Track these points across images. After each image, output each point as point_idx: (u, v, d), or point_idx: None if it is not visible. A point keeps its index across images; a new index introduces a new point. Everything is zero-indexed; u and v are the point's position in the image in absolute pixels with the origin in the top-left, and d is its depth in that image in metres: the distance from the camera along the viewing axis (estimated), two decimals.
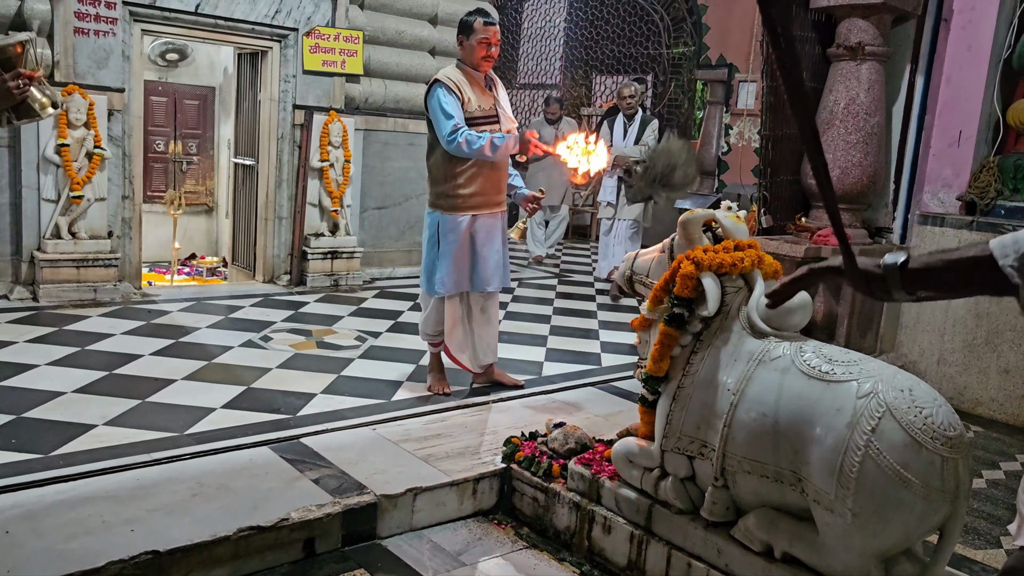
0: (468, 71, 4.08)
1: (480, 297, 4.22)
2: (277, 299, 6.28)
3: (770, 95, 5.11)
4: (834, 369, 2.33)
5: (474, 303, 4.23)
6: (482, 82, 4.10)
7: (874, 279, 1.42)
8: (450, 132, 3.87)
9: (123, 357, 4.49)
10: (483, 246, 4.12)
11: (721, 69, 10.09)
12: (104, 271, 5.74)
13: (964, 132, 4.98)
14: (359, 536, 2.98)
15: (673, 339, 2.66)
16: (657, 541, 2.77)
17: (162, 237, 8.39)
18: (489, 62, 4.06)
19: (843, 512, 2.20)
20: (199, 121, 9.25)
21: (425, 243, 4.22)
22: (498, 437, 3.64)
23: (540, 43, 12.78)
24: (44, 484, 2.94)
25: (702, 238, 2.76)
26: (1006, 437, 4.46)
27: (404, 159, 7.36)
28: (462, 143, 3.85)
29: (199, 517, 2.78)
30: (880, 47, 4.94)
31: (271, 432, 3.58)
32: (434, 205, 4.14)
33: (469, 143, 3.84)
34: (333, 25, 6.70)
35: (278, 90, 6.64)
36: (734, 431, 2.47)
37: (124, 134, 5.91)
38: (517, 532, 3.21)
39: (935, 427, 2.13)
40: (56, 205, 5.58)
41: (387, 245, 7.46)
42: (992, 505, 3.53)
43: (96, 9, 5.60)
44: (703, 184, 10.02)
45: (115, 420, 3.60)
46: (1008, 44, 4.86)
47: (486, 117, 4.04)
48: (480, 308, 4.25)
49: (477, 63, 4.04)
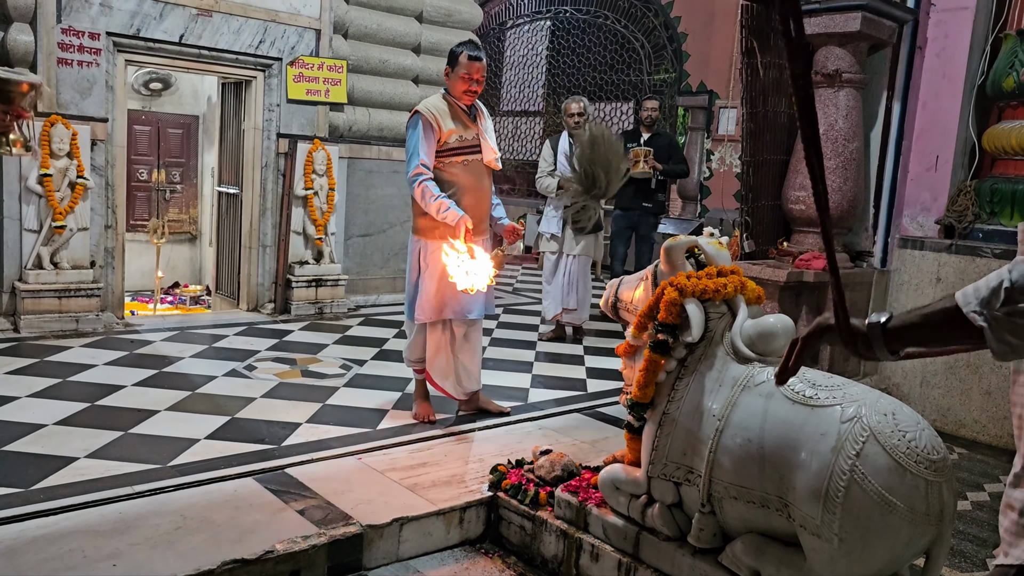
0: (452, 101, 4.13)
1: (462, 324, 4.22)
2: (261, 327, 6.25)
3: (750, 121, 5.17)
4: (818, 394, 2.35)
5: (457, 330, 4.23)
6: (466, 111, 4.14)
7: (859, 337, 1.45)
8: (413, 173, 3.98)
9: (105, 388, 4.45)
10: None
11: (702, 96, 10.22)
12: (86, 301, 5.70)
13: (941, 157, 5.06)
14: (345, 567, 2.95)
15: (658, 365, 2.67)
16: (645, 568, 2.76)
17: (145, 266, 8.36)
18: (471, 96, 4.11)
19: (829, 537, 2.20)
20: (183, 150, 9.26)
21: (408, 270, 4.25)
22: (484, 465, 3.62)
23: (523, 70, 12.90)
24: (24, 519, 2.89)
25: (685, 264, 2.78)
26: (990, 459, 4.48)
27: (388, 186, 7.39)
28: (415, 189, 3.97)
29: (182, 551, 2.74)
30: (857, 74, 5.02)
31: (256, 463, 3.55)
32: (417, 232, 4.17)
33: (423, 195, 3.95)
34: (317, 54, 6.75)
35: (262, 119, 6.65)
36: (720, 457, 2.48)
37: (107, 163, 5.90)
38: (504, 561, 3.19)
39: (919, 451, 2.15)
40: (38, 235, 5.55)
41: (372, 272, 7.46)
42: (978, 527, 3.54)
43: (80, 40, 5.61)
44: (686, 210, 10.11)
45: (97, 452, 3.56)
46: (981, 71, 4.95)
47: (467, 147, 4.09)
48: (463, 335, 4.25)
49: (459, 95, 4.11)
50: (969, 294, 1.31)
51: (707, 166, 10.31)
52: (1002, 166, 4.92)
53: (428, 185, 3.95)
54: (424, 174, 3.97)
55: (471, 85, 4.07)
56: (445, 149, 4.04)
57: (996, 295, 1.27)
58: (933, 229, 5.12)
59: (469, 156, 4.09)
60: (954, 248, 4.95)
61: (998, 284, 1.27)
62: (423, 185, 3.95)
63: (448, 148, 4.04)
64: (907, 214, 5.24)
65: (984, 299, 1.28)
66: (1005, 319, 1.26)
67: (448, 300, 4.11)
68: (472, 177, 4.11)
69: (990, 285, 1.28)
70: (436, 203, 3.92)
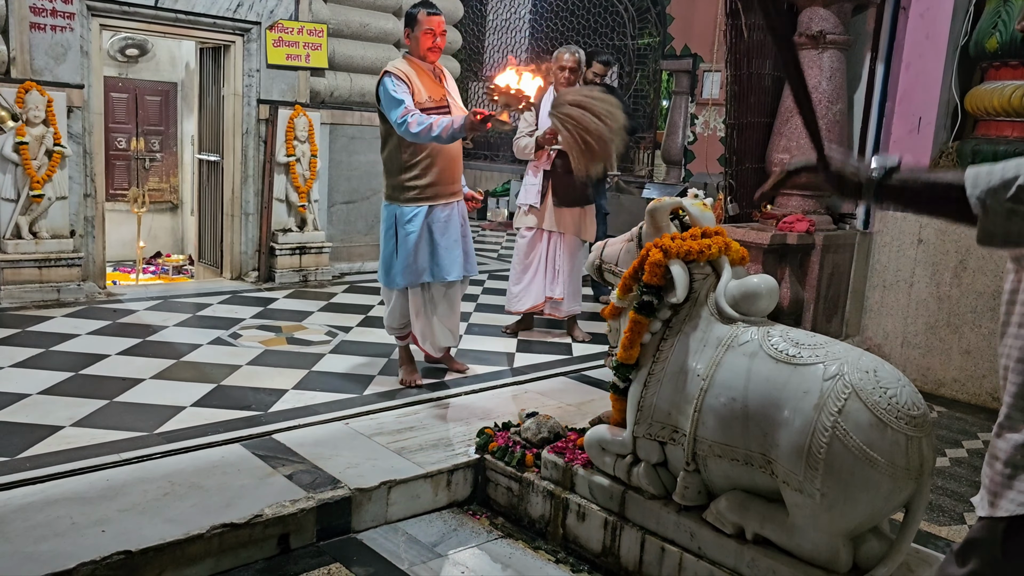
0: (416, 62, 4.10)
1: (442, 287, 4.24)
2: (245, 296, 6.23)
3: (734, 84, 5.15)
4: (801, 352, 2.37)
5: (436, 293, 4.24)
6: (432, 73, 4.13)
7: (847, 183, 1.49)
8: (400, 116, 3.84)
9: (89, 357, 4.43)
10: (441, 236, 4.14)
11: (686, 59, 10.14)
12: (67, 271, 5.65)
13: (924, 119, 5.07)
14: (334, 530, 2.97)
15: (643, 326, 2.69)
16: (631, 527, 2.80)
17: (126, 236, 8.26)
18: (436, 52, 4.09)
19: (812, 492, 2.24)
20: (161, 117, 9.11)
21: (383, 236, 4.22)
22: (471, 428, 3.65)
23: (506, 35, 12.76)
24: (11, 487, 2.89)
25: (669, 226, 2.79)
26: (968, 416, 4.56)
27: (371, 153, 7.31)
28: (411, 123, 3.81)
29: (171, 516, 2.75)
30: (841, 35, 5.01)
31: (242, 429, 3.55)
32: (390, 198, 4.15)
33: (420, 123, 3.80)
34: (296, 18, 6.64)
35: (242, 85, 6.56)
36: (704, 416, 2.50)
37: (84, 131, 5.81)
38: (492, 522, 3.23)
39: (899, 407, 2.18)
40: (16, 204, 5.47)
41: (356, 239, 7.43)
42: (956, 483, 3.61)
43: (52, 4, 5.49)
44: (670, 174, 10.09)
45: (83, 421, 3.55)
46: (965, 32, 4.94)
47: (437, 107, 4.03)
48: (443, 296, 4.26)
49: (424, 54, 4.08)
50: (980, 178, 1.31)
51: (691, 130, 10.28)
52: (984, 127, 4.94)
53: (420, 117, 3.82)
54: (411, 111, 3.85)
55: (435, 40, 4.04)
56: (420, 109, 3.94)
57: (1006, 187, 1.28)
58: None
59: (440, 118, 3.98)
60: None
61: (1013, 177, 1.28)
62: (415, 117, 3.81)
63: (420, 108, 3.93)
64: None
65: (992, 188, 1.29)
66: (1004, 213, 1.27)
67: (427, 264, 4.12)
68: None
69: (1005, 176, 1.29)
70: (434, 123, 3.78)
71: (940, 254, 4.90)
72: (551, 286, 5.30)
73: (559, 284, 5.29)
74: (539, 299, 5.33)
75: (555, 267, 5.29)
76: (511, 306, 5.43)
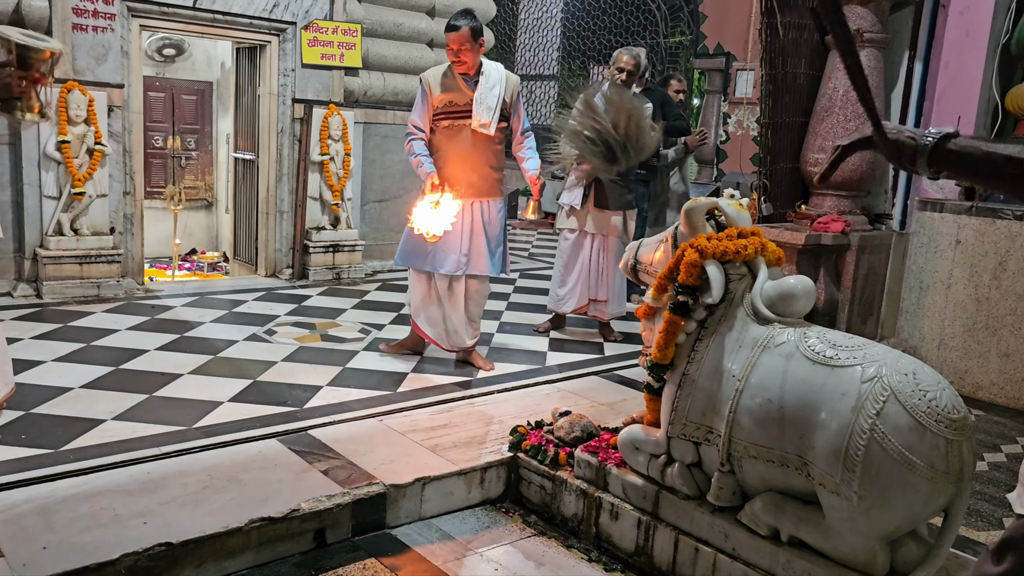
0: (450, 69, 4.42)
1: (443, 278, 4.49)
2: (280, 293, 6.30)
3: (769, 82, 5.11)
4: (838, 354, 2.35)
5: (439, 283, 4.51)
6: (464, 79, 4.38)
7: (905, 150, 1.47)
8: (407, 131, 4.46)
9: (129, 352, 4.52)
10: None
11: (719, 58, 10.09)
12: (107, 267, 5.76)
13: (963, 117, 4.99)
14: (369, 526, 3.01)
15: (678, 327, 2.68)
16: (664, 526, 2.80)
17: (162, 233, 8.40)
18: (459, 65, 4.36)
19: (849, 495, 2.22)
20: (197, 116, 9.25)
21: None
22: (504, 426, 3.66)
23: (537, 34, 12.77)
24: (55, 479, 2.96)
25: (705, 226, 2.78)
26: (1007, 420, 4.49)
27: (403, 151, 7.32)
28: (406, 144, 4.44)
29: (211, 509, 2.80)
30: (878, 33, 4.95)
31: (279, 424, 3.61)
32: None
33: (409, 151, 4.42)
34: (331, 18, 6.70)
35: (277, 84, 6.64)
36: (740, 417, 2.50)
37: (124, 130, 5.92)
38: (525, 520, 3.24)
39: (939, 410, 2.16)
40: (58, 202, 5.59)
41: (388, 238, 7.47)
42: (995, 487, 3.56)
43: (94, 5, 5.60)
44: (702, 174, 10.04)
45: (123, 415, 3.62)
46: (1006, 29, 4.86)
47: (454, 112, 4.36)
48: (446, 287, 4.51)
49: (451, 64, 4.40)
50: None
51: (724, 129, 10.22)
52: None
53: (413, 144, 4.40)
54: (413, 134, 4.42)
55: (456, 56, 4.33)
56: (436, 114, 4.39)
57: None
58: (953, 191, 5.07)
59: (455, 121, 4.36)
60: (974, 210, 4.90)
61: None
62: (409, 143, 4.42)
63: (437, 113, 4.38)
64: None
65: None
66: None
67: (420, 251, 4.42)
68: (455, 142, 4.38)
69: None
70: (414, 160, 4.41)
71: (979, 255, 4.83)
72: (595, 288, 5.35)
73: (603, 287, 5.34)
74: (583, 301, 5.37)
75: (598, 269, 5.33)
76: (556, 307, 5.47)
